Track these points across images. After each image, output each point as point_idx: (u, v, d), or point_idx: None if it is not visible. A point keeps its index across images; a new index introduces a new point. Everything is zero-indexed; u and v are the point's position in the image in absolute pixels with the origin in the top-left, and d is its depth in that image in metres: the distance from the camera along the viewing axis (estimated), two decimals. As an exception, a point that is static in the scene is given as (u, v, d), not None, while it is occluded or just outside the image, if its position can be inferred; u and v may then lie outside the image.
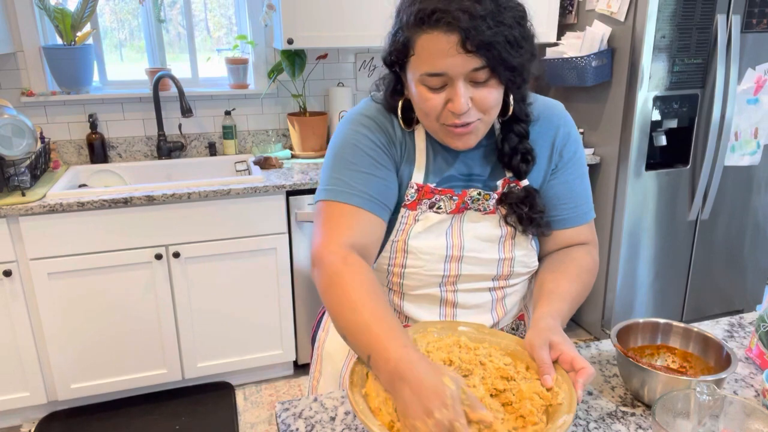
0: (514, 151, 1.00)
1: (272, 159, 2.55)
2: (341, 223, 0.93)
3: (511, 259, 1.03)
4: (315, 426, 0.89)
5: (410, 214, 1.00)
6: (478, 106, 0.89)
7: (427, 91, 0.90)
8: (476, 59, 0.84)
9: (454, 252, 1.00)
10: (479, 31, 0.82)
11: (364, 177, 0.96)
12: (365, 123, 0.99)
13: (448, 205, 1.01)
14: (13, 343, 2.17)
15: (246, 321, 2.43)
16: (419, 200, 1.00)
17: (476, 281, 1.03)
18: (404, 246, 1.00)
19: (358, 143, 0.97)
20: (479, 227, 1.02)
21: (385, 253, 1.01)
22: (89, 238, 2.13)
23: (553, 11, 2.71)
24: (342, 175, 0.96)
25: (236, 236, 2.31)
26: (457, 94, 0.87)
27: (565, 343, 0.85)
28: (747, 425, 0.77)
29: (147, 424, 2.30)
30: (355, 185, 0.95)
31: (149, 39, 2.73)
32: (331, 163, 0.99)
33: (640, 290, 2.78)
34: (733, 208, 2.81)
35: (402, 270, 1.01)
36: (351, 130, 0.99)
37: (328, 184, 0.97)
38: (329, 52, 2.82)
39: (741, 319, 1.23)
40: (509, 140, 1.00)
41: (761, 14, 2.51)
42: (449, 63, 0.85)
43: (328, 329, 1.19)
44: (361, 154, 0.97)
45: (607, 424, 0.89)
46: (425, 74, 0.88)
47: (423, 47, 0.87)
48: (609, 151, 2.66)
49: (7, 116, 2.05)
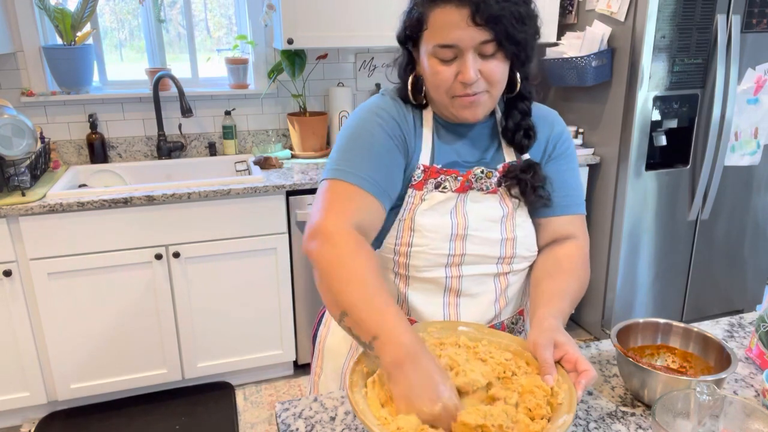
0: (518, 127, 1.06)
1: (272, 159, 2.55)
2: (350, 202, 0.95)
3: (513, 239, 1.05)
4: (315, 426, 0.89)
5: (417, 193, 1.03)
6: (485, 78, 0.95)
7: (439, 64, 0.95)
8: (485, 32, 0.91)
9: (459, 231, 1.02)
10: (488, 5, 0.89)
11: (374, 163, 0.98)
12: (381, 114, 1.02)
13: (453, 184, 1.04)
14: (13, 343, 2.18)
15: (246, 321, 2.43)
16: (425, 180, 1.03)
17: (480, 263, 1.04)
18: (411, 224, 1.02)
19: (372, 131, 1.00)
20: (482, 207, 1.05)
21: (393, 232, 1.03)
22: (89, 238, 2.14)
23: (553, 11, 2.71)
24: (353, 157, 0.98)
25: (236, 236, 2.31)
26: (466, 65, 0.93)
27: (569, 344, 0.86)
28: (747, 425, 0.77)
29: (147, 424, 2.30)
30: (364, 169, 0.97)
31: (149, 39, 2.73)
32: (343, 145, 1.01)
33: (640, 290, 2.78)
34: (733, 208, 2.81)
35: (408, 249, 1.02)
36: (366, 119, 1.02)
37: (338, 164, 0.98)
38: (329, 52, 2.82)
39: (741, 319, 1.23)
40: (513, 116, 1.06)
41: (761, 14, 2.51)
42: (460, 35, 0.91)
43: (329, 325, 1.20)
44: (374, 142, 0.99)
45: (607, 424, 0.89)
46: (437, 46, 0.94)
47: (436, 20, 0.93)
48: (609, 151, 2.66)
49: (7, 116, 2.05)
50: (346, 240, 0.89)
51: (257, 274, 2.38)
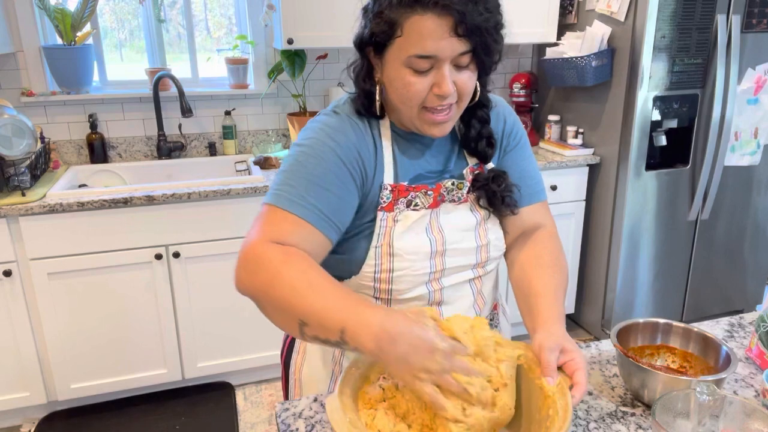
0: (479, 136, 1.03)
1: (272, 159, 2.55)
2: (283, 228, 0.88)
3: (487, 244, 1.05)
4: (315, 426, 0.89)
5: (388, 216, 0.98)
6: (458, 90, 0.91)
7: (412, 75, 0.89)
8: (464, 43, 0.86)
9: (438, 247, 1.00)
10: (471, 16, 0.84)
11: (320, 191, 0.91)
12: (336, 138, 0.95)
13: (425, 200, 1.01)
14: (13, 343, 2.18)
15: (246, 321, 2.43)
16: (395, 200, 0.99)
17: (458, 272, 1.04)
18: (389, 249, 0.97)
19: (323, 156, 0.93)
20: (455, 218, 1.03)
21: (370, 260, 0.98)
22: (89, 238, 2.13)
23: (553, 11, 2.71)
24: (297, 183, 0.91)
25: (236, 236, 2.31)
26: (444, 78, 0.88)
27: (576, 352, 0.87)
28: (747, 425, 0.77)
29: (147, 424, 2.30)
30: (307, 197, 0.90)
31: (149, 39, 2.73)
32: (289, 168, 0.93)
33: (640, 290, 2.78)
34: (733, 208, 2.81)
35: (390, 275, 0.99)
36: (318, 143, 0.94)
37: (280, 189, 0.91)
38: (329, 52, 2.82)
39: (741, 319, 1.23)
40: (473, 126, 1.03)
41: (761, 14, 2.51)
42: (440, 46, 0.86)
43: (304, 351, 1.14)
44: (323, 168, 0.92)
45: (607, 424, 0.89)
46: (414, 56, 0.87)
47: (413, 28, 0.86)
48: (609, 151, 2.66)
49: (7, 116, 2.05)
50: (272, 254, 0.83)
51: (257, 274, 2.38)
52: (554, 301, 0.97)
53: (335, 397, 0.79)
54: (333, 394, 0.80)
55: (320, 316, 0.78)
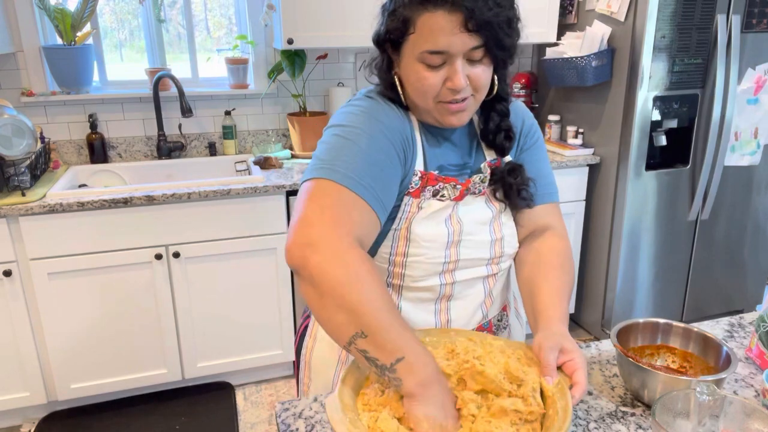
0: (498, 129, 1.05)
1: (272, 159, 2.55)
2: (351, 213, 0.85)
3: (501, 239, 1.06)
4: (315, 426, 0.89)
5: (413, 201, 0.99)
6: (472, 84, 0.93)
7: (425, 70, 0.91)
8: (476, 38, 0.88)
9: (454, 237, 1.01)
10: (481, 11, 0.86)
11: (375, 171, 0.89)
12: (383, 120, 0.95)
13: (452, 192, 1.02)
14: (13, 343, 2.17)
15: (246, 321, 2.43)
16: (423, 188, 1.00)
17: (472, 266, 1.04)
18: (407, 233, 0.98)
19: (373, 135, 0.92)
20: (473, 210, 1.04)
21: (387, 242, 0.99)
22: (89, 238, 2.13)
23: (553, 11, 2.71)
24: (354, 160, 0.88)
25: (236, 236, 2.31)
26: (456, 72, 0.90)
27: (576, 352, 0.87)
28: (747, 425, 0.77)
29: (147, 424, 2.30)
30: (365, 176, 0.88)
31: (149, 39, 2.73)
32: (341, 144, 0.91)
33: (640, 290, 2.78)
34: (733, 208, 2.81)
35: (404, 259, 0.99)
36: (365, 122, 0.94)
37: (337, 164, 0.88)
38: (329, 52, 2.82)
39: (741, 319, 1.23)
40: (492, 119, 1.05)
41: (761, 14, 2.51)
42: (451, 41, 0.88)
43: (315, 335, 1.15)
44: (376, 148, 0.91)
45: (607, 424, 0.89)
46: (426, 52, 0.90)
47: (425, 25, 0.89)
48: (609, 151, 2.66)
49: (7, 116, 2.05)
50: (354, 258, 0.81)
51: (257, 274, 2.38)
52: (557, 302, 0.97)
53: (335, 397, 0.79)
54: (333, 394, 0.81)
55: (384, 337, 0.78)
